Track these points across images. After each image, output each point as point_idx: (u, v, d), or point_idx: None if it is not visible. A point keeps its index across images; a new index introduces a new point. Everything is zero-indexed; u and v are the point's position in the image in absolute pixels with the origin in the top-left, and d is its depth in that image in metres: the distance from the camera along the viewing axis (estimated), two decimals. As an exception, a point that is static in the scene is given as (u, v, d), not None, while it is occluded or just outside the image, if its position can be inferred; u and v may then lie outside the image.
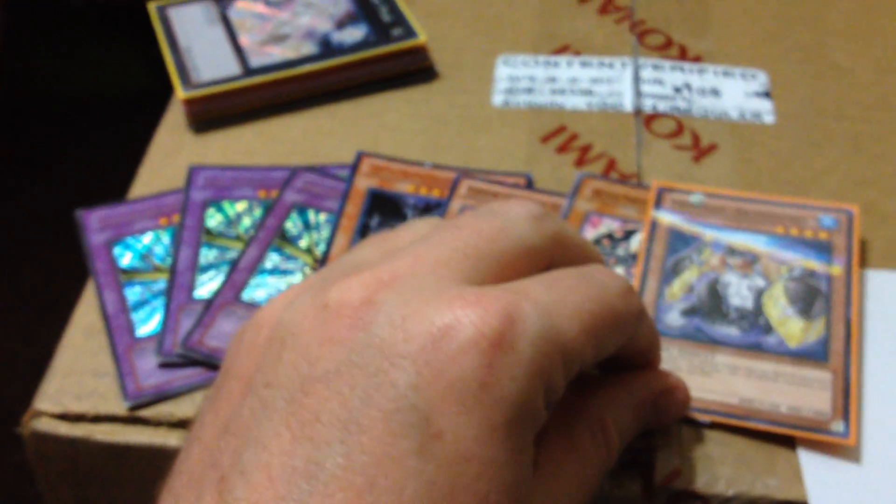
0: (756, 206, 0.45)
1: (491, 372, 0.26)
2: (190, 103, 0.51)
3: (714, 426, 0.38)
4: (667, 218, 0.45)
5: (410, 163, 0.49)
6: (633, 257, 0.44)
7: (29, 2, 1.11)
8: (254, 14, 0.56)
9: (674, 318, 0.41)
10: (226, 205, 0.47)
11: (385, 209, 0.47)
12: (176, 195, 0.47)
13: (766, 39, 0.57)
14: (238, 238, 0.46)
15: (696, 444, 0.38)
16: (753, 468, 0.37)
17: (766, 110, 0.52)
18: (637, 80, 0.54)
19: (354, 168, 0.48)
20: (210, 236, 0.46)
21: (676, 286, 0.42)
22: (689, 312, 0.41)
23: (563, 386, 0.29)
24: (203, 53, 0.53)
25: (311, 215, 0.46)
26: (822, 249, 0.43)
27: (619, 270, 0.44)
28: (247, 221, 0.46)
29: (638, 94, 0.53)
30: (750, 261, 0.43)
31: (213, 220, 0.46)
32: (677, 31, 0.57)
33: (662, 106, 0.53)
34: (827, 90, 0.54)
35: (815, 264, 0.43)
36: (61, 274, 0.45)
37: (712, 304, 0.42)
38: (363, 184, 0.48)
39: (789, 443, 0.38)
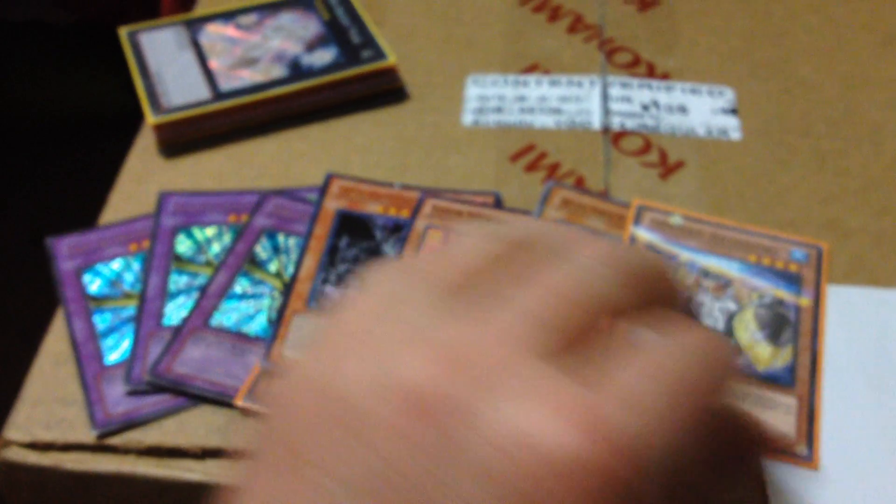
0: (731, 234, 0.46)
1: None
2: (160, 128, 0.51)
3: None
4: (645, 235, 0.46)
5: (379, 183, 0.49)
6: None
7: (7, 22, 1.11)
8: (224, 38, 0.57)
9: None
10: (195, 230, 0.47)
11: (354, 230, 0.47)
12: (146, 221, 0.48)
13: (732, 56, 0.58)
14: (207, 264, 0.46)
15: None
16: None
17: (732, 127, 0.53)
18: (605, 97, 0.55)
19: (324, 190, 0.49)
20: (180, 262, 0.46)
21: None
22: None
23: None
24: (173, 78, 0.54)
25: (281, 239, 0.47)
26: (792, 281, 0.44)
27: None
28: (216, 247, 0.46)
29: (606, 111, 0.54)
30: (723, 284, 0.44)
31: (183, 245, 0.46)
32: (645, 49, 0.58)
33: (630, 123, 0.53)
34: (793, 106, 0.54)
35: (785, 294, 0.43)
36: (33, 301, 0.45)
37: None
38: (332, 205, 0.48)
39: (753, 460, 0.38)
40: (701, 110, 0.54)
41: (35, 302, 0.49)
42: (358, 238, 0.47)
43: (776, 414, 0.39)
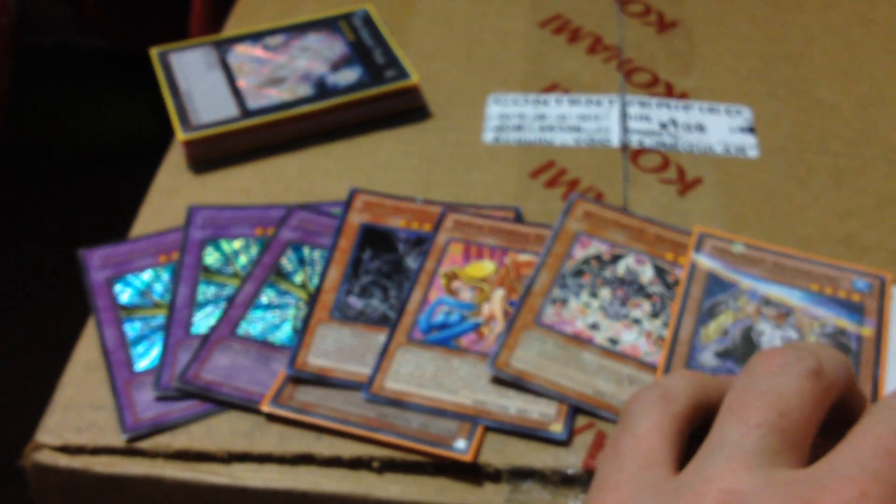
0: (793, 262, 0.46)
1: None
2: (189, 145, 0.53)
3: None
4: (706, 262, 0.46)
5: (402, 198, 0.50)
6: (620, 280, 0.46)
7: (38, 47, 1.13)
8: (252, 58, 0.58)
9: (707, 357, 0.43)
10: (223, 243, 0.48)
11: (377, 243, 0.48)
12: (175, 234, 0.49)
13: (750, 76, 0.59)
14: (235, 275, 0.47)
15: (678, 470, 0.39)
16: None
17: (750, 145, 0.54)
18: (624, 116, 0.56)
19: (348, 204, 0.50)
20: (208, 273, 0.47)
21: (712, 328, 0.44)
22: (723, 355, 0.43)
23: None
24: (202, 96, 0.55)
25: (306, 252, 0.48)
26: (855, 310, 0.44)
27: (605, 292, 0.45)
28: (243, 259, 0.48)
29: (625, 130, 0.55)
30: (784, 313, 0.44)
31: (211, 257, 0.48)
32: (663, 69, 0.59)
33: (649, 141, 0.54)
34: (810, 125, 0.55)
35: (847, 324, 0.44)
36: (67, 314, 0.46)
37: (746, 349, 0.43)
38: (356, 219, 0.49)
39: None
40: (719, 128, 0.55)
41: (67, 316, 0.50)
42: (381, 251, 0.48)
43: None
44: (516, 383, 0.42)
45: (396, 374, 0.42)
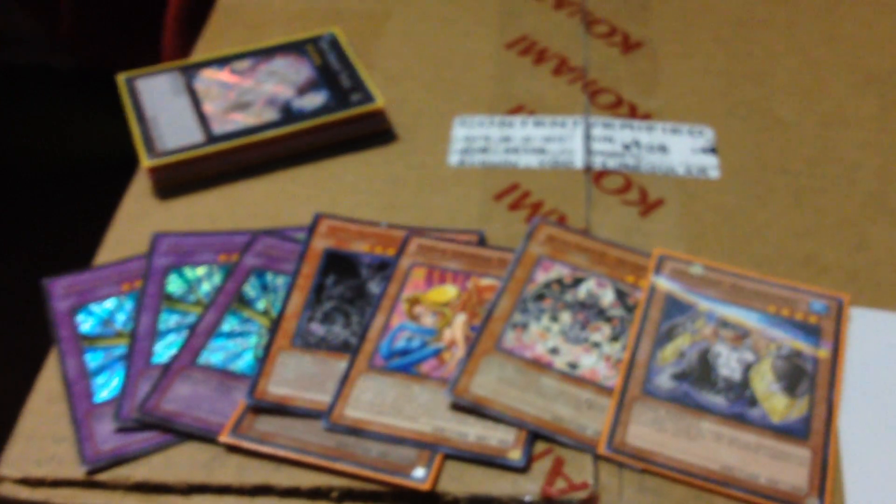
0: (751, 284, 0.47)
1: None
2: (154, 171, 0.53)
3: (646, 472, 0.40)
4: (665, 284, 0.47)
5: (366, 223, 0.51)
6: (581, 304, 0.46)
7: (12, 65, 1.13)
8: (218, 83, 0.58)
9: (664, 380, 0.43)
10: (187, 270, 0.49)
11: (340, 268, 0.48)
12: (139, 261, 0.49)
13: (713, 96, 0.59)
14: (198, 303, 0.47)
15: (635, 492, 0.39)
16: (689, 518, 0.39)
17: (711, 165, 0.54)
18: (588, 137, 0.56)
19: (312, 229, 0.50)
20: (171, 302, 0.47)
21: (669, 350, 0.44)
22: (680, 377, 0.43)
23: None
24: (168, 122, 0.55)
25: (270, 278, 0.48)
26: (811, 332, 0.45)
27: (566, 316, 0.45)
28: (206, 286, 0.48)
29: (588, 151, 0.55)
30: (741, 335, 0.45)
31: (174, 285, 0.48)
32: (628, 90, 0.59)
33: (612, 163, 0.54)
34: (771, 145, 0.56)
35: (803, 346, 0.44)
36: (32, 341, 0.47)
37: (702, 371, 0.43)
38: (320, 244, 0.49)
39: (731, 499, 0.39)
40: (681, 149, 0.55)
41: (34, 342, 0.50)
42: (344, 276, 0.48)
43: (789, 466, 0.40)
44: (475, 410, 0.42)
45: (357, 402, 0.42)
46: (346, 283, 0.48)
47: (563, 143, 0.56)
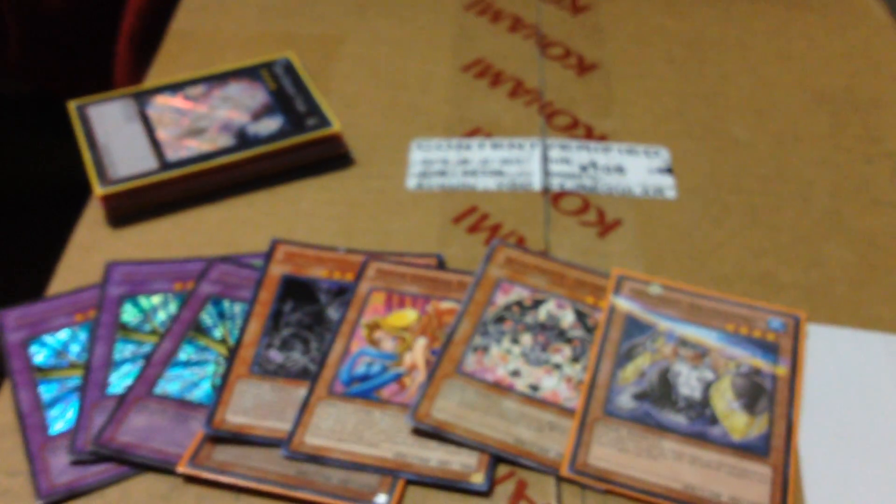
0: (710, 303, 0.47)
1: None
2: (107, 199, 0.52)
3: (609, 493, 0.40)
4: (624, 305, 0.47)
5: (324, 248, 0.50)
6: (541, 326, 0.46)
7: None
8: (172, 109, 0.58)
9: (625, 400, 0.43)
10: (142, 299, 0.48)
11: (299, 294, 0.48)
12: (92, 291, 0.48)
13: (668, 117, 0.60)
14: (153, 332, 0.46)
15: (597, 517, 0.39)
16: (653, 539, 0.39)
17: (667, 186, 0.55)
18: (545, 159, 0.56)
19: (269, 255, 0.50)
20: (125, 331, 0.46)
21: (629, 370, 0.44)
22: (640, 397, 0.43)
23: None
24: (120, 150, 0.55)
25: (227, 305, 0.47)
26: (769, 350, 0.45)
27: (527, 338, 0.45)
28: (162, 315, 0.47)
29: (546, 173, 0.55)
30: (700, 353, 0.45)
31: (129, 314, 0.47)
32: (583, 111, 0.60)
33: (569, 184, 0.55)
34: (726, 164, 0.56)
35: (762, 363, 0.45)
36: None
37: (662, 391, 0.43)
38: (277, 270, 0.49)
39: (688, 512, 0.39)
40: (637, 170, 0.55)
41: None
42: (302, 302, 0.47)
43: (751, 483, 0.40)
44: (437, 434, 0.42)
45: (317, 429, 0.42)
46: (305, 310, 0.47)
47: (521, 165, 0.56)
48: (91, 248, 0.52)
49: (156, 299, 0.48)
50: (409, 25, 0.68)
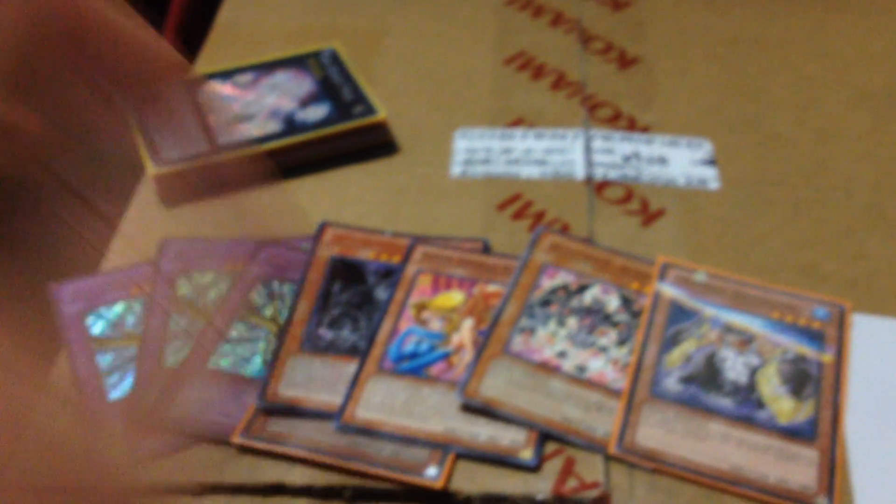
0: (755, 291, 0.48)
1: None
2: (159, 179, 0.53)
3: (657, 472, 0.40)
4: (670, 291, 0.47)
5: (371, 231, 0.51)
6: (587, 310, 0.46)
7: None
8: (222, 96, 0.59)
9: (672, 383, 0.43)
10: (195, 275, 0.49)
11: (347, 275, 0.49)
12: (146, 267, 0.49)
13: (710, 111, 0.60)
14: (205, 308, 0.47)
15: (646, 491, 0.40)
16: (700, 516, 0.39)
17: (710, 177, 0.55)
18: (588, 149, 0.57)
19: (317, 237, 0.50)
20: (179, 306, 0.47)
21: (676, 354, 0.45)
22: (687, 380, 0.44)
23: None
24: (173, 132, 0.56)
25: (276, 286, 0.48)
26: (815, 338, 0.46)
27: (572, 321, 0.46)
28: (213, 293, 0.48)
29: (589, 163, 0.56)
30: (746, 340, 0.45)
31: (183, 290, 0.48)
32: (626, 103, 0.60)
33: (613, 174, 0.55)
34: (769, 158, 0.57)
35: (808, 350, 0.45)
36: (40, 345, 0.46)
37: (709, 375, 0.44)
38: (325, 252, 0.50)
39: (742, 497, 0.40)
40: (680, 161, 0.56)
41: (40, 347, 0.50)
42: (351, 282, 0.48)
43: (797, 466, 0.41)
44: (486, 411, 0.42)
45: (367, 403, 0.43)
46: (353, 290, 0.48)
47: (564, 155, 0.57)
48: (143, 227, 0.53)
49: (208, 277, 0.49)
50: (451, 20, 0.69)
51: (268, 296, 0.48)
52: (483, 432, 0.42)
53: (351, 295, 0.48)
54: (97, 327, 0.46)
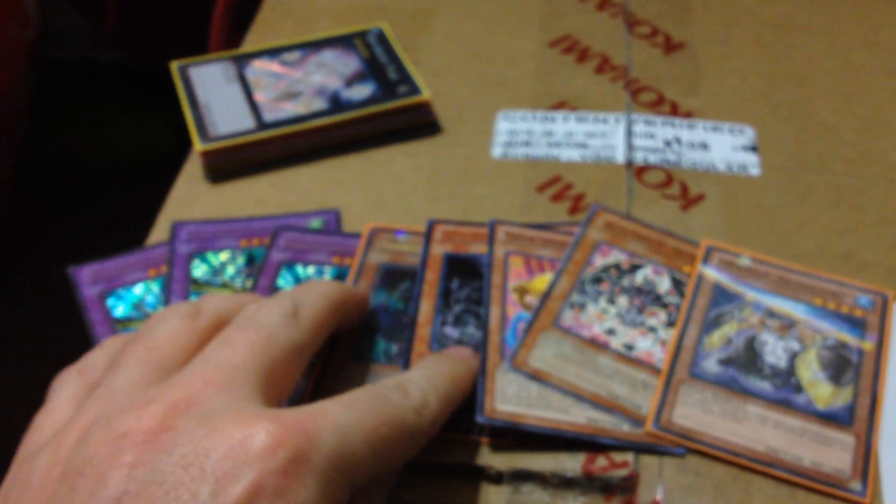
0: (798, 277, 0.48)
1: (286, 479, 0.28)
2: (206, 155, 0.54)
3: (690, 452, 0.41)
4: (713, 274, 0.48)
5: (478, 225, 0.51)
6: (638, 290, 0.47)
7: (56, 61, 1.15)
8: (269, 73, 0.60)
9: (711, 364, 0.44)
10: (210, 255, 0.50)
11: (463, 271, 0.49)
12: (161, 248, 0.50)
13: (754, 97, 0.60)
14: (224, 286, 0.48)
15: (675, 472, 0.40)
16: (730, 499, 0.39)
17: (752, 163, 0.55)
18: (629, 134, 0.57)
19: (428, 235, 0.50)
20: (198, 286, 0.48)
21: (716, 336, 0.45)
22: (726, 362, 0.44)
23: (346, 499, 0.30)
24: (220, 109, 0.57)
25: (300, 269, 0.49)
26: (857, 325, 0.46)
27: (623, 300, 0.46)
28: (231, 269, 0.49)
29: (630, 147, 0.56)
30: (787, 325, 0.46)
31: (199, 270, 0.49)
32: (669, 89, 0.60)
33: (653, 158, 0.55)
34: (811, 145, 0.56)
35: (849, 338, 0.45)
36: (77, 327, 0.48)
37: (748, 358, 0.44)
38: (438, 250, 0.50)
39: (765, 476, 0.40)
40: (721, 147, 0.56)
41: (65, 333, 0.52)
42: (468, 278, 0.48)
43: (833, 450, 0.41)
44: (534, 380, 0.43)
45: (503, 396, 0.42)
46: (472, 285, 0.48)
47: (605, 139, 0.57)
48: (190, 203, 0.54)
49: (223, 255, 0.50)
50: (497, 3, 0.70)
51: (294, 281, 0.49)
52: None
53: (470, 291, 0.48)
54: (119, 309, 0.47)
